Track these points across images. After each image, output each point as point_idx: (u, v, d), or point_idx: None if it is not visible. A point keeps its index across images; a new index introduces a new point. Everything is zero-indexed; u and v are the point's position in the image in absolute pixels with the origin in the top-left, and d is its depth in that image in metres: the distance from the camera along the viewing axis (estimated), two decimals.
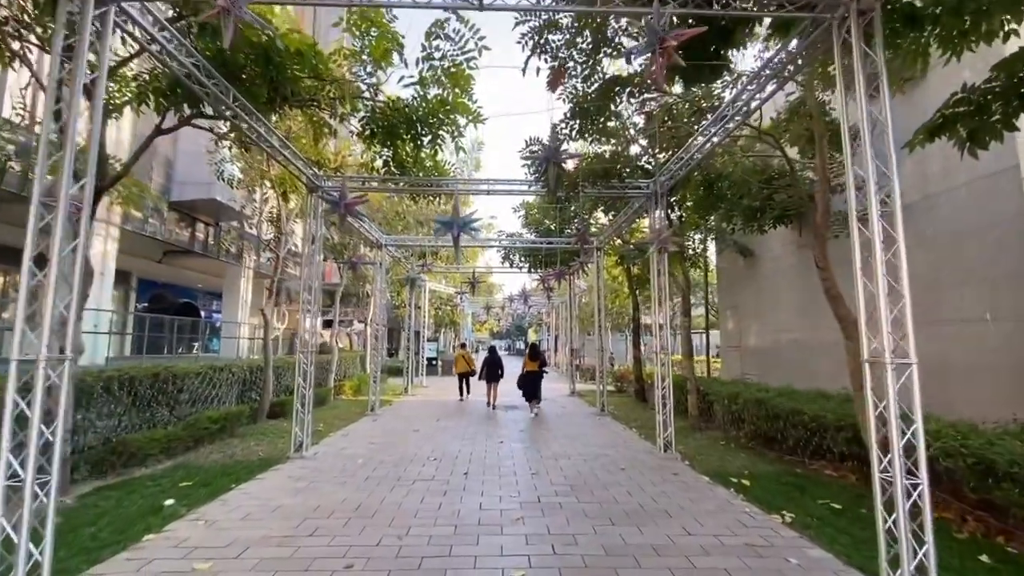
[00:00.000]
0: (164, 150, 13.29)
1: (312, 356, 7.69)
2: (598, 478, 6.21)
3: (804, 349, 11.08)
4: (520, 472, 6.47)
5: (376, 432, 9.31)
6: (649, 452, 7.72)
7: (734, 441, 8.49)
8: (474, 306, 33.41)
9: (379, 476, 6.23)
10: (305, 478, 6.15)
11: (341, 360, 16.04)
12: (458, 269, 17.97)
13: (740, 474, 6.44)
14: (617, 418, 11.26)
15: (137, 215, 12.36)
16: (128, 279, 18.68)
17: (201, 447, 7.60)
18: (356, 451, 7.68)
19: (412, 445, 8.11)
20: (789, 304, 11.73)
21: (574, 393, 16.36)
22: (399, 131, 7.05)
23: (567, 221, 12.19)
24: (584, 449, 7.89)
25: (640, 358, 14.52)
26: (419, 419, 10.93)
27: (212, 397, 8.69)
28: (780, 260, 12.22)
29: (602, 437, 8.96)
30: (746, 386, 9.12)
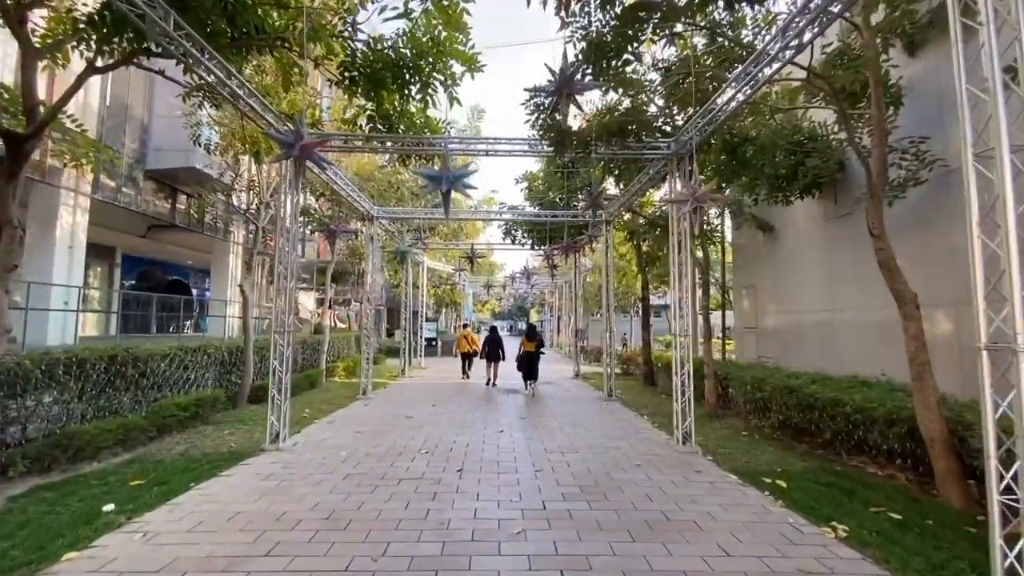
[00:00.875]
0: (137, 114, 12.31)
1: (290, 336, 6.87)
2: (611, 477, 5.42)
3: (828, 331, 10.23)
4: (522, 469, 5.69)
5: (365, 419, 8.55)
6: (665, 444, 6.93)
7: (757, 431, 7.70)
8: (474, 286, 32.58)
9: (361, 473, 5.46)
10: (276, 476, 5.38)
11: (334, 340, 15.27)
12: (456, 245, 17.07)
13: (772, 472, 5.65)
14: (626, 404, 10.49)
15: (110, 183, 11.45)
16: (111, 255, 17.86)
17: (167, 437, 6.85)
18: (340, 441, 6.91)
19: (403, 434, 7.35)
20: (813, 283, 10.83)
21: (579, 376, 15.61)
22: (383, 78, 6.09)
23: (574, 192, 11.23)
24: (593, 440, 7.11)
25: (649, 340, 13.70)
26: (413, 404, 10.17)
27: (184, 381, 7.92)
28: (804, 235, 11.28)
29: (612, 426, 8.19)
30: (771, 371, 8.29)
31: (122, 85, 11.88)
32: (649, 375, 13.39)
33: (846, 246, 9.78)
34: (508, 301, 49.20)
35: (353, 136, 6.93)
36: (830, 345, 10.14)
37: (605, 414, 9.29)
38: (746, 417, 8.50)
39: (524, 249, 14.82)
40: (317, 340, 13.60)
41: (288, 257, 6.73)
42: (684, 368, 6.86)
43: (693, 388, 6.88)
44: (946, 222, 7.24)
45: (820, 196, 10.28)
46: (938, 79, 7.53)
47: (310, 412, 9.00)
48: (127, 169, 11.79)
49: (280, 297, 6.79)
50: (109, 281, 17.75)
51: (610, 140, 6.75)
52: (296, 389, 10.90)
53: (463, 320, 33.18)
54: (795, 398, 6.75)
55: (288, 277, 6.79)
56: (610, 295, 11.25)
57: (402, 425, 8.04)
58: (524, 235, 14.16)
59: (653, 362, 13.44)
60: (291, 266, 6.82)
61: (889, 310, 8.63)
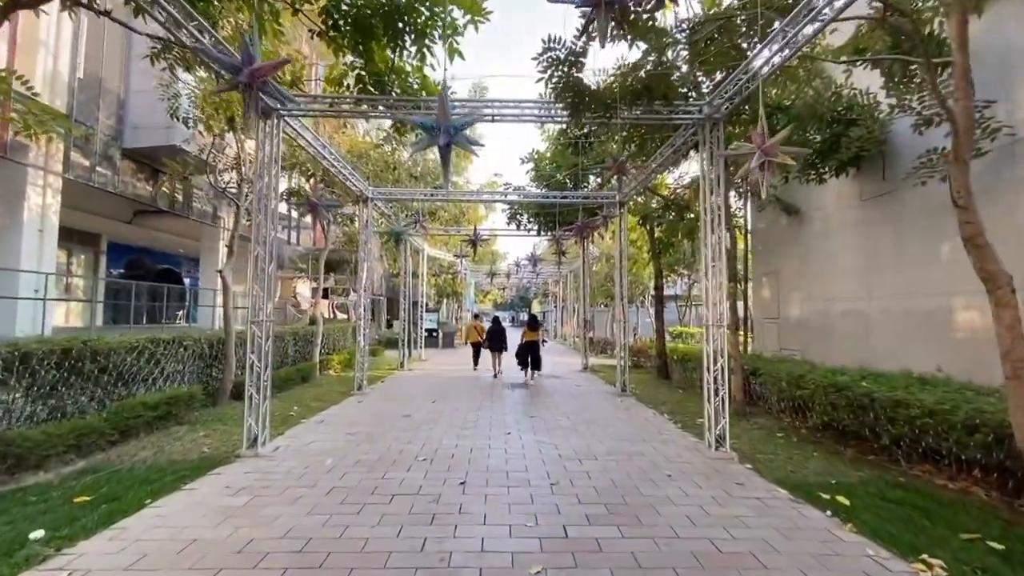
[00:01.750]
0: (112, 88, 11.41)
1: (270, 327, 6.06)
2: (640, 492, 4.62)
3: (861, 321, 9.40)
4: (535, 481, 4.90)
5: (359, 418, 7.77)
6: (694, 449, 6.13)
7: (794, 433, 6.90)
8: (476, 275, 31.74)
9: (347, 487, 4.67)
10: (248, 490, 4.59)
11: (329, 332, 14.48)
12: (458, 231, 16.21)
13: (825, 484, 4.85)
14: (641, 400, 9.69)
15: (83, 162, 10.59)
16: (96, 242, 17.04)
17: (132, 441, 6.06)
18: (327, 445, 6.12)
19: (399, 437, 6.56)
20: (844, 269, 9.98)
21: (587, 368, 14.82)
22: (372, 27, 5.22)
23: (586, 170, 10.33)
24: (613, 444, 6.31)
25: (663, 331, 12.88)
26: (412, 400, 9.39)
27: (155, 376, 7.13)
28: (834, 217, 10.41)
29: (630, 426, 7.39)
30: (808, 366, 7.48)
31: (95, 57, 10.99)
32: (663, 368, 12.59)
33: (886, 228, 8.92)
34: (511, 291, 48.38)
35: (340, 98, 6.06)
36: (863, 337, 9.32)
37: (620, 412, 8.49)
38: (778, 416, 7.70)
39: (530, 235, 13.96)
40: (310, 331, 12.81)
41: (265, 234, 5.91)
42: (718, 363, 6.03)
43: (728, 387, 6.07)
44: (1012, 196, 6.40)
45: (855, 174, 9.42)
46: (1005, 38, 6.63)
47: (299, 410, 8.22)
48: (102, 147, 10.92)
49: (258, 282, 5.96)
50: (94, 269, 16.95)
51: (634, 102, 5.87)
52: (286, 384, 10.14)
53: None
54: (844, 398, 5.93)
55: (267, 259, 5.97)
56: (624, 282, 10.41)
57: (399, 425, 7.25)
58: (530, 220, 13.29)
59: (667, 355, 12.64)
60: (270, 246, 5.99)
61: (941, 298, 7.83)
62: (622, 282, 10.46)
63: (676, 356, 11.70)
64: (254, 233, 5.94)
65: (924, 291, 8.03)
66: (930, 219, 7.87)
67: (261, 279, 5.98)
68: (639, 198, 12.18)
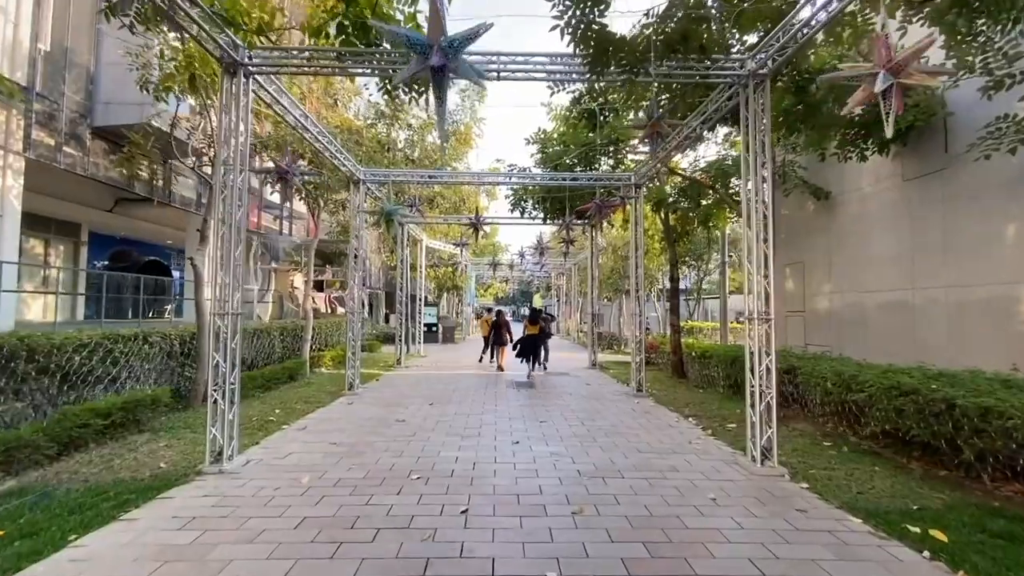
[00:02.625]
0: (81, 60, 10.46)
1: (237, 321, 5.18)
2: (684, 524, 3.75)
3: (904, 314, 8.52)
4: (553, 508, 4.02)
5: (346, 423, 6.90)
6: (734, 463, 5.25)
7: (844, 441, 6.02)
8: (477, 268, 30.83)
9: (322, 518, 3.79)
10: (200, 521, 3.72)
11: (320, 327, 13.61)
12: (459, 220, 15.29)
13: (906, 512, 3.98)
14: (660, 401, 8.82)
15: (47, 140, 9.66)
16: (76, 232, 16.12)
17: (79, 454, 5.18)
18: (306, 459, 5.25)
19: (390, 447, 5.69)
20: (883, 257, 9.09)
21: (595, 365, 13.94)
22: None
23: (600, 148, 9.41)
24: (639, 457, 5.43)
25: (678, 326, 11.99)
26: (407, 401, 8.52)
27: (113, 378, 6.25)
28: (871, 200, 9.50)
29: (654, 433, 6.51)
30: (859, 365, 6.59)
31: (62, 25, 10.04)
32: (679, 365, 11.71)
33: (935, 210, 8.01)
34: (514, 285, 47.48)
35: (320, 50, 5.13)
36: (906, 331, 8.44)
37: (640, 415, 7.61)
38: (820, 421, 6.82)
39: (535, 223, 13.04)
40: (299, 326, 11.93)
41: (232, 212, 5.01)
42: (763, 363, 5.14)
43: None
44: None
45: (896, 152, 8.51)
46: None
47: (280, 413, 7.36)
48: (68, 124, 9.99)
49: (223, 267, 5.06)
50: (75, 261, 16.05)
51: (666, 54, 4.94)
52: (271, 383, 9.28)
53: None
54: (912, 403, 5.04)
55: (233, 240, 5.07)
56: (639, 272, 9.51)
57: (391, 432, 6.38)
58: (535, 206, 12.36)
59: (684, 350, 11.75)
60: (237, 225, 5.09)
61: (1006, 286, 6.93)
62: (638, 272, 9.56)
63: (695, 353, 10.81)
64: (216, 210, 5.05)
65: (983, 279, 7.14)
66: (992, 198, 6.97)
67: (227, 264, 5.08)
68: (654, 182, 11.26)
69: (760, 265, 5.26)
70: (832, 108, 7.59)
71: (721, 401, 8.66)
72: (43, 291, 13.10)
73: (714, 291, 31.25)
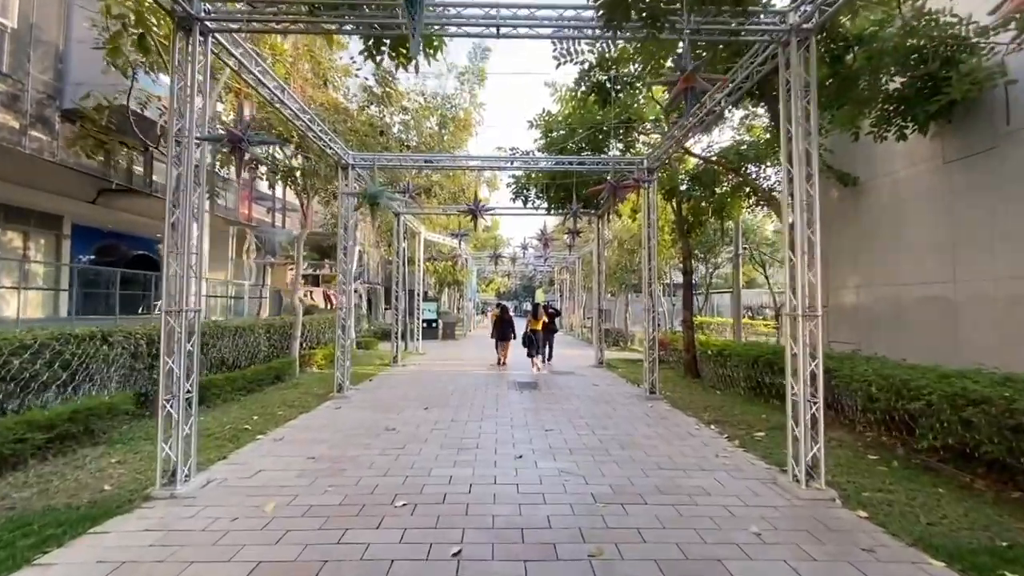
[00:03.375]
0: (48, 37, 9.71)
1: (193, 321, 4.46)
2: (727, 570, 3.02)
3: (944, 309, 7.76)
4: (565, 547, 3.29)
5: (330, 432, 6.19)
6: (774, 484, 4.52)
7: (891, 455, 5.28)
8: (479, 262, 30.07)
9: (281, 563, 3.08)
10: (128, 568, 3.01)
11: (311, 323, 12.90)
12: (457, 211, 14.52)
13: (996, 551, 3.25)
14: (676, 404, 8.09)
15: (12, 124, 8.93)
16: (58, 224, 15.41)
17: (13, 473, 4.47)
18: (277, 478, 4.54)
19: (376, 463, 4.97)
20: (919, 247, 8.31)
21: (602, 363, 13.21)
22: None
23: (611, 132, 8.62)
24: (661, 475, 4.70)
25: (691, 321, 11.24)
26: (400, 406, 7.81)
27: (65, 383, 5.55)
28: (905, 185, 8.71)
29: (675, 444, 5.78)
30: (909, 368, 5.82)
31: (28, 0, 9.29)
32: (692, 364, 10.97)
33: (980, 195, 7.24)
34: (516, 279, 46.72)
35: (288, 1, 4.37)
36: (946, 328, 7.67)
37: (656, 422, 6.89)
38: (859, 429, 6.08)
39: (539, 213, 12.29)
40: (289, 323, 11.22)
41: (187, 191, 4.28)
42: (809, 366, 4.39)
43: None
44: None
45: (938, 132, 7.72)
46: None
47: (258, 420, 6.65)
48: (34, 106, 9.26)
49: (175, 255, 4.34)
50: (57, 255, 15.36)
51: (695, 5, 4.17)
52: (254, 385, 8.58)
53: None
54: (983, 414, 4.29)
55: (187, 224, 4.34)
56: (653, 264, 8.76)
57: (378, 444, 5.66)
58: (539, 195, 11.60)
59: (697, 348, 11.02)
60: (193, 207, 4.36)
61: None
62: (651, 264, 8.81)
63: (711, 351, 10.07)
64: (169, 189, 4.31)
65: None
66: None
67: (181, 253, 4.36)
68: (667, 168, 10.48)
69: (805, 254, 4.51)
70: (871, 80, 6.83)
71: (742, 405, 7.93)
72: (13, 287, 12.38)
73: (721, 285, 30.43)
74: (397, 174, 11.19)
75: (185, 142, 4.26)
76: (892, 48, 6.32)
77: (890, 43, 6.37)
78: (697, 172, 10.93)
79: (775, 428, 6.42)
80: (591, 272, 22.72)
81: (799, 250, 4.52)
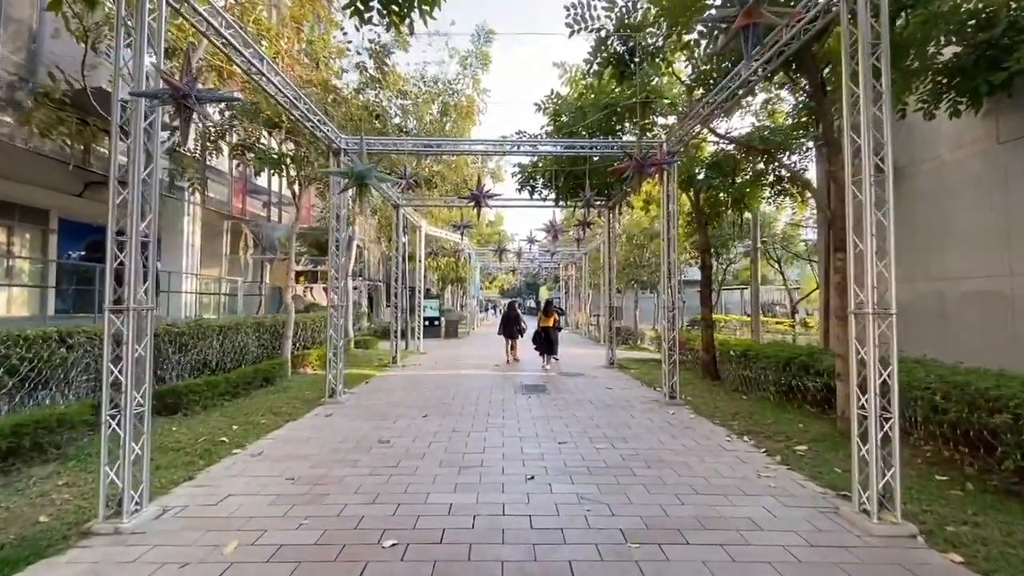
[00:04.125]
0: (20, 15, 9.03)
1: (146, 319, 3.77)
2: None
3: (999, 305, 7.02)
4: None
5: (316, 445, 5.49)
6: (834, 514, 3.79)
7: (962, 474, 4.54)
8: (482, 258, 29.37)
9: None
10: None
11: (305, 321, 12.23)
12: (456, 203, 13.82)
13: None
14: (699, 410, 7.37)
15: None
16: (44, 219, 14.79)
17: None
18: (245, 506, 3.84)
19: (363, 487, 4.27)
20: (970, 237, 7.56)
21: (613, 364, 12.48)
22: None
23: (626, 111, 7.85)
24: (698, 501, 3.98)
25: (711, 319, 10.50)
26: (397, 412, 7.11)
27: (13, 390, 4.87)
28: (952, 169, 7.95)
29: (707, 460, 5.05)
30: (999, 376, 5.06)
31: None
32: (711, 365, 10.24)
33: None
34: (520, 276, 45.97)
35: None
36: (1002, 325, 6.94)
37: (681, 432, 6.16)
38: (918, 445, 5.34)
39: (547, 205, 11.55)
40: (280, 321, 10.55)
41: (136, 159, 3.58)
42: (878, 375, 3.65)
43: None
44: None
45: (991, 109, 6.96)
46: None
47: (237, 431, 5.97)
48: (4, 89, 8.58)
49: (124, 246, 3.65)
50: (43, 251, 14.74)
51: None
52: (240, 389, 7.91)
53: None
54: None
55: (137, 206, 3.65)
56: (673, 255, 8.02)
57: (369, 460, 4.96)
58: (546, 184, 10.86)
59: (716, 347, 10.28)
60: (142, 183, 3.67)
61: None
62: (670, 257, 8.07)
63: (733, 352, 9.32)
64: (113, 163, 3.62)
65: None
66: None
67: (129, 238, 3.67)
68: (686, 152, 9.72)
69: (874, 236, 3.78)
70: (926, 50, 6.07)
71: (773, 411, 7.20)
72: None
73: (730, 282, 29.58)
74: (395, 162, 10.47)
75: (131, 106, 3.56)
76: (948, 11, 5.58)
77: (946, 4, 5.63)
78: (717, 159, 10.17)
79: (817, 440, 5.70)
80: (598, 268, 22.00)
81: (867, 235, 3.79)
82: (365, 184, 5.43)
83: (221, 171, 15.95)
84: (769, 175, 10.61)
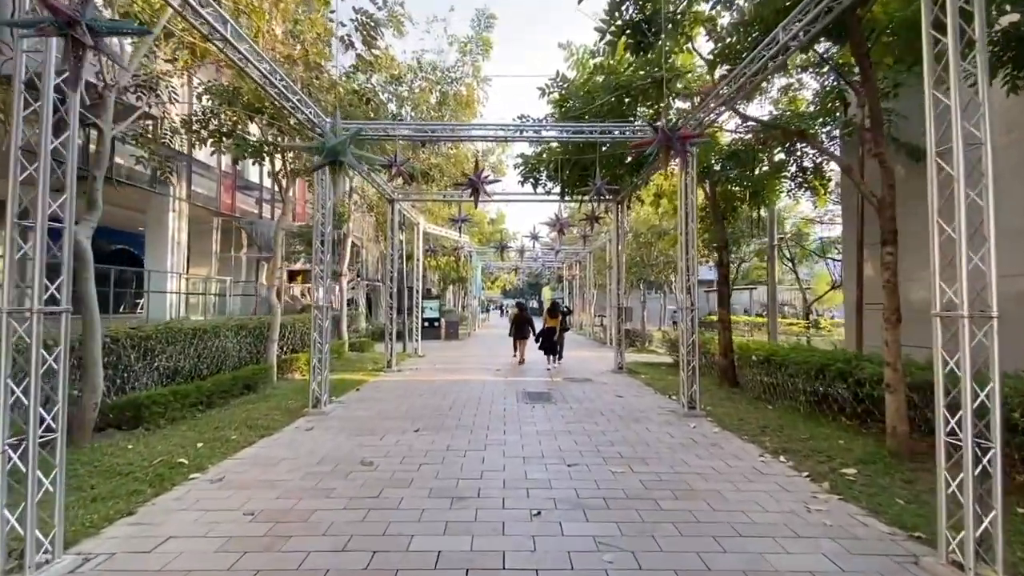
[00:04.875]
0: None
1: (67, 322, 3.05)
2: None
3: None
4: None
5: (288, 469, 4.76)
6: (915, 565, 3.05)
7: None
8: (483, 257, 28.64)
9: None
10: None
11: (293, 324, 11.53)
12: (455, 197, 13.11)
13: None
14: (722, 423, 6.62)
15: None
16: (24, 215, 14.16)
17: None
18: (186, 555, 3.12)
19: (335, 524, 3.54)
20: (1007, 230, 6.77)
21: (623, 368, 11.73)
22: None
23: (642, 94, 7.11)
24: (741, 547, 3.24)
25: (728, 321, 9.74)
26: (385, 426, 6.37)
27: None
28: (1000, 156, 7.13)
29: (744, 489, 4.31)
30: None
31: None
32: (729, 370, 9.48)
33: None
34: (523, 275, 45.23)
35: None
36: None
37: (707, 452, 5.41)
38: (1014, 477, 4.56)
39: (552, 199, 10.83)
40: (265, 323, 9.84)
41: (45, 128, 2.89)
42: (973, 393, 2.91)
43: (1000, 443, 2.96)
44: None
45: None
46: None
47: (203, 448, 5.25)
48: None
49: (27, 237, 2.95)
50: None
51: None
52: (217, 397, 7.20)
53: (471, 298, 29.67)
54: None
55: (45, 182, 2.95)
56: (692, 251, 7.27)
57: (346, 489, 4.23)
58: (551, 176, 10.14)
59: (735, 352, 9.53)
60: (48, 151, 2.96)
61: None
62: (688, 254, 7.32)
63: (756, 356, 8.57)
64: (16, 127, 2.92)
65: None
66: None
67: (36, 227, 2.96)
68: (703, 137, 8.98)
69: (963, 229, 3.04)
70: None
71: (805, 424, 6.45)
72: None
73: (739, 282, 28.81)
74: (389, 151, 9.75)
75: (10, 41, 2.86)
76: None
77: None
78: (736, 148, 9.43)
79: (865, 462, 4.95)
80: (603, 268, 21.23)
81: (959, 221, 3.04)
82: (340, 162, 4.72)
83: (209, 165, 15.28)
84: (791, 165, 9.90)
